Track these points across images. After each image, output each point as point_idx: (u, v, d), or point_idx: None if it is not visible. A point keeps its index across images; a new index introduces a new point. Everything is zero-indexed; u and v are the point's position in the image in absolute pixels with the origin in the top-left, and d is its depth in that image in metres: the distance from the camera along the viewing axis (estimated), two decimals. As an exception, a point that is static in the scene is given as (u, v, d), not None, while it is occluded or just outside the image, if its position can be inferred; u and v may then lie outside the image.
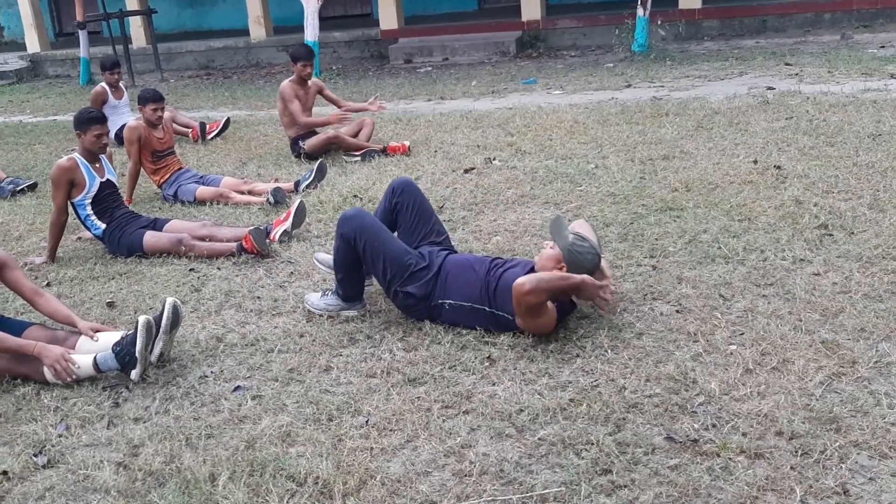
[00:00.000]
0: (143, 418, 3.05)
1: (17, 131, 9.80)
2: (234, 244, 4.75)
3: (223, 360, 3.47)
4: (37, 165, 7.66)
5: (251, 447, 2.77)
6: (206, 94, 11.68)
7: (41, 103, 12.20)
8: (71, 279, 4.58)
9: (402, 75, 12.03)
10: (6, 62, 15.75)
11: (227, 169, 6.84)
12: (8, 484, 2.70)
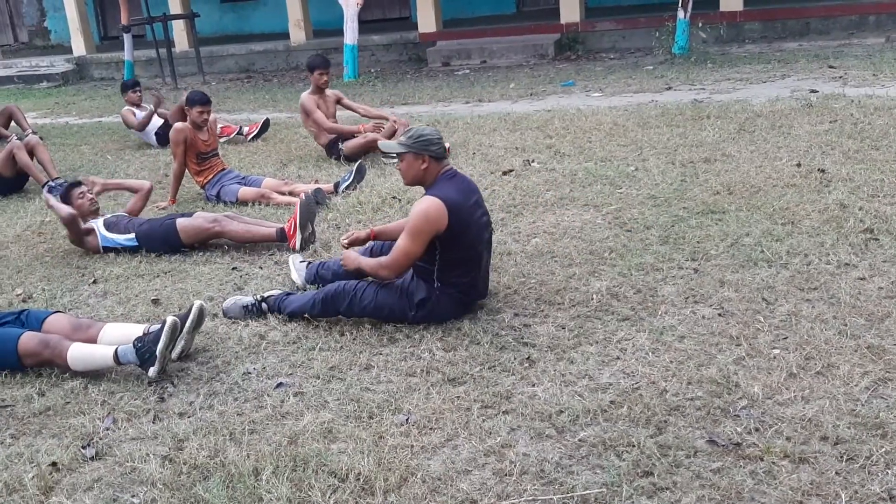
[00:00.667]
0: (188, 413, 3.10)
1: (64, 132, 10.01)
2: (275, 229, 4.81)
3: (266, 357, 3.52)
4: (83, 166, 7.82)
5: (294, 443, 2.81)
6: (247, 97, 11.82)
7: (86, 105, 12.44)
8: (117, 277, 4.68)
9: (440, 78, 12.07)
10: (53, 65, 16.10)
11: (269, 170, 6.91)
12: (57, 475, 2.77)
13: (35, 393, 3.35)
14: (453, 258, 3.58)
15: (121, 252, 5.02)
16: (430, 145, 3.59)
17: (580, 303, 3.75)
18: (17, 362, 3.47)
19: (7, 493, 2.69)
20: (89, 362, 3.43)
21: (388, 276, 3.62)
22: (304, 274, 4.23)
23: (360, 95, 10.84)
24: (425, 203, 3.50)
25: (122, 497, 2.61)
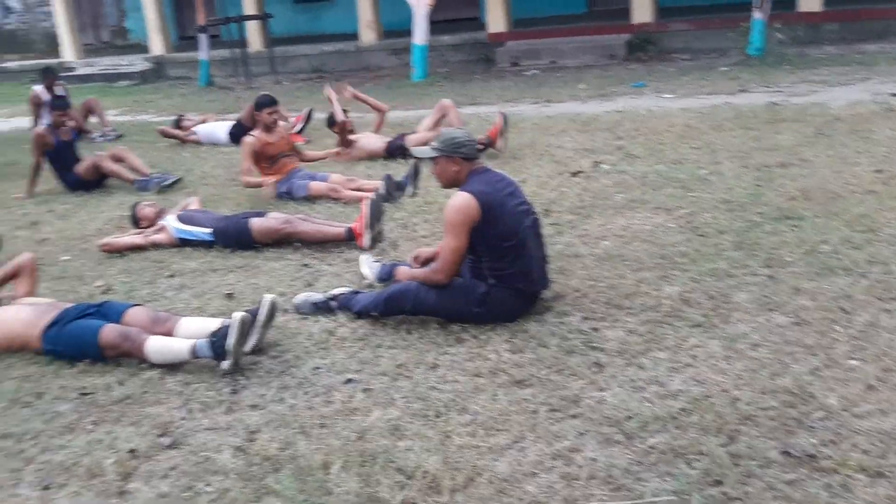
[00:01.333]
0: (260, 405, 3.17)
1: (142, 130, 10.34)
2: (344, 228, 4.90)
3: (335, 353, 3.57)
4: (161, 163, 8.05)
5: (362, 438, 2.85)
6: (318, 97, 11.97)
7: (163, 103, 12.81)
8: (193, 271, 4.81)
9: (509, 78, 12.05)
10: (132, 64, 16.63)
11: (338, 168, 7.00)
12: (135, 462, 2.87)
13: (115, 382, 3.47)
14: (496, 248, 3.60)
15: (196, 246, 5.16)
16: (460, 147, 3.66)
17: (650, 308, 3.71)
18: (99, 353, 3.60)
19: (89, 478, 2.79)
20: (166, 355, 3.53)
21: (443, 279, 3.65)
22: (376, 271, 4.29)
23: (428, 96, 10.91)
24: (455, 199, 3.58)
25: (196, 485, 2.68)
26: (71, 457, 2.94)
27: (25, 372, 3.66)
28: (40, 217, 6.45)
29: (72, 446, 3.01)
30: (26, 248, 5.47)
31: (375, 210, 4.85)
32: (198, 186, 6.76)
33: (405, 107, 10.25)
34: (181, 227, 5.24)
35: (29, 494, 2.74)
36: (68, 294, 4.55)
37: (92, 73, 16.40)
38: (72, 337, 3.65)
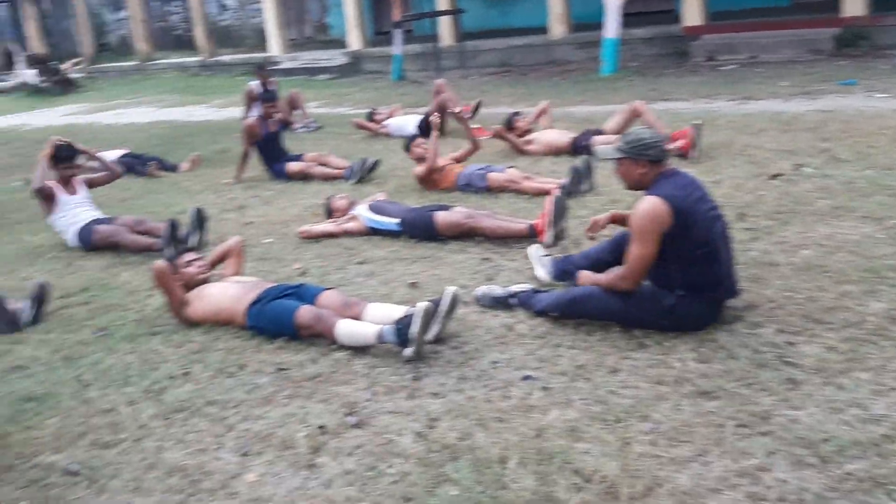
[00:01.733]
0: (440, 394, 3.25)
1: (339, 122, 10.85)
2: (526, 225, 4.92)
3: (513, 348, 3.60)
4: (355, 154, 8.43)
5: (539, 436, 2.85)
6: (505, 91, 12.11)
7: (358, 97, 13.40)
8: (380, 259, 5.01)
9: (703, 73, 11.58)
10: (331, 58, 17.50)
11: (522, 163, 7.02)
12: (324, 437, 3.03)
13: (308, 360, 3.69)
14: (687, 255, 3.46)
15: (385, 236, 5.38)
16: (647, 149, 3.52)
17: (853, 324, 3.44)
18: (294, 332, 3.84)
19: (282, 448, 2.99)
20: (354, 337, 3.71)
21: (628, 287, 3.56)
22: (549, 269, 4.27)
23: (617, 91, 10.71)
24: (645, 204, 3.45)
25: (378, 466, 2.80)
26: (267, 427, 3.15)
27: (230, 345, 3.97)
28: (246, 202, 6.95)
29: (268, 417, 3.23)
30: (233, 230, 5.92)
31: (559, 207, 4.83)
32: (387, 178, 7.02)
33: (593, 102, 10.12)
34: (372, 216, 5.47)
35: (229, 459, 2.97)
36: (269, 274, 4.87)
37: (295, 67, 17.43)
38: (271, 315, 3.91)
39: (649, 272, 3.55)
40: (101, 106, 16.42)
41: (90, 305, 4.75)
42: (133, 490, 2.83)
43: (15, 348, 4.22)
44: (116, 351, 4.05)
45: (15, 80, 20.86)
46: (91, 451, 3.12)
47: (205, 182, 7.90)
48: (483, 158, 7.35)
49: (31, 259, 5.88)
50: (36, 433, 3.30)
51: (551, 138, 7.39)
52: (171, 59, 21.66)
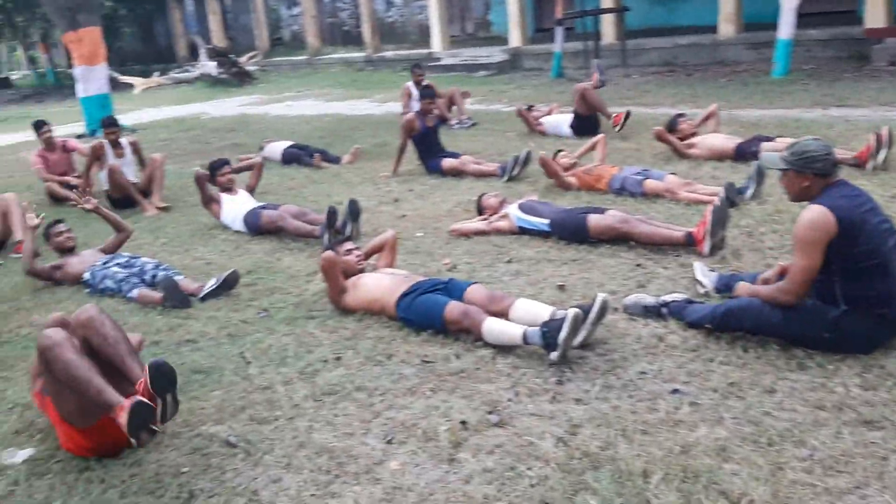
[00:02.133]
0: (584, 401, 3.22)
1: (494, 118, 10.93)
2: (683, 233, 4.77)
3: (663, 360, 3.50)
4: (509, 151, 8.46)
5: (686, 453, 2.77)
6: (667, 91, 11.76)
7: (516, 94, 13.42)
8: (529, 259, 5.00)
9: (885, 79, 10.78)
10: (490, 55, 17.62)
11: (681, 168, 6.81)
12: (465, 433, 3.07)
13: (453, 354, 3.75)
14: (853, 268, 3.26)
15: (534, 236, 5.37)
16: (813, 163, 3.34)
17: None
18: (442, 326, 3.91)
19: (425, 440, 3.06)
20: (500, 337, 3.73)
21: (790, 300, 3.38)
22: (713, 281, 4.12)
23: (789, 94, 10.16)
24: (808, 213, 3.28)
25: (518, 467, 2.81)
26: (411, 417, 3.23)
27: (380, 334, 4.10)
28: (402, 195, 7.13)
29: (412, 408, 3.31)
30: (388, 222, 6.10)
31: (719, 216, 4.64)
32: (540, 178, 6.98)
33: (762, 106, 9.65)
34: (522, 216, 5.47)
35: (374, 445, 3.07)
36: (419, 268, 4.99)
37: (455, 64, 17.68)
38: (421, 308, 4.01)
39: (813, 286, 3.36)
40: (273, 98, 17.33)
41: (254, 287, 5.04)
42: (284, 466, 2.99)
43: (187, 323, 4.54)
44: (276, 332, 4.28)
45: (197, 71, 22.37)
46: (249, 425, 3.32)
47: (364, 174, 8.17)
48: (643, 160, 7.21)
49: (205, 240, 6.31)
50: (201, 404, 3.54)
51: (715, 143, 7.11)
52: (338, 54, 22.54)
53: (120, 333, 3.18)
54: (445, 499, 2.68)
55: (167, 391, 2.94)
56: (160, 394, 2.92)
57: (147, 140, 11.44)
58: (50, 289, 5.45)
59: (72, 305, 4.98)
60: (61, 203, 8.24)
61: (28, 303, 5.22)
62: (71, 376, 2.94)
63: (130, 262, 5.32)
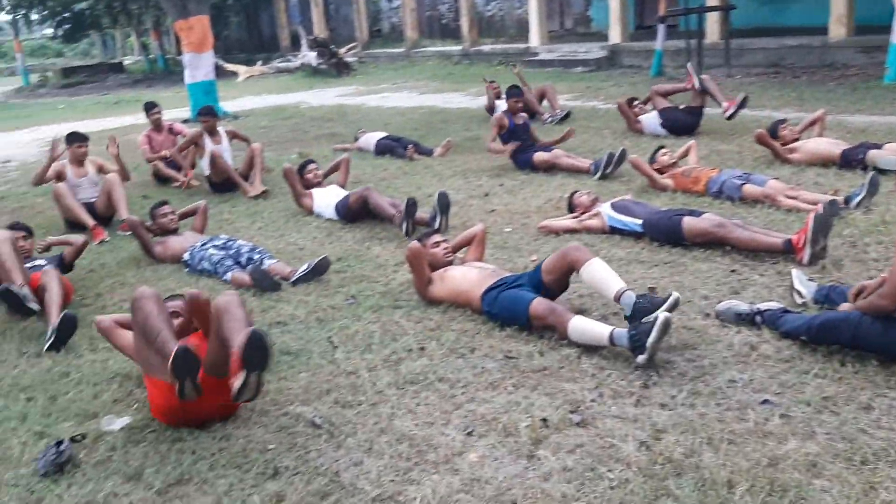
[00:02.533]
0: (669, 406, 3.16)
1: (590, 115, 10.80)
2: (782, 240, 4.61)
3: (754, 369, 3.40)
4: (603, 149, 8.35)
5: (773, 466, 2.69)
6: (772, 94, 11.38)
7: (613, 91, 13.21)
8: (619, 259, 4.93)
9: None
10: (589, 51, 17.40)
11: (784, 172, 6.58)
12: (546, 431, 3.06)
13: (536, 352, 3.74)
14: None
15: (626, 236, 5.29)
16: None
17: None
18: (527, 322, 3.90)
19: (504, 434, 3.06)
20: (585, 336, 3.70)
21: (888, 306, 3.21)
22: (812, 291, 3.98)
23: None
24: None
25: (598, 468, 2.78)
26: (492, 411, 3.24)
27: (464, 326, 4.12)
28: (492, 189, 7.13)
29: (493, 402, 3.32)
30: (477, 216, 6.12)
31: (822, 224, 4.46)
32: (633, 176, 6.87)
33: (871, 112, 9.23)
34: (614, 215, 5.40)
35: (454, 436, 3.09)
36: (506, 263, 4.99)
37: (552, 59, 17.54)
38: (506, 303, 4.01)
39: None
40: (370, 89, 17.58)
41: (344, 274, 5.14)
42: (366, 450, 3.04)
43: (278, 305, 4.67)
44: (362, 319, 4.36)
45: (298, 60, 22.91)
46: (333, 408, 3.39)
47: (455, 167, 8.21)
48: (743, 163, 7.00)
49: (299, 226, 6.47)
50: (289, 384, 3.64)
51: (819, 148, 6.83)
52: (435, 47, 22.68)
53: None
54: (523, 494, 2.68)
55: (257, 368, 2.89)
56: (248, 366, 2.87)
57: (248, 127, 11.80)
58: (153, 266, 5.69)
59: (171, 283, 5.20)
60: (166, 183, 8.62)
61: (132, 279, 5.46)
62: (147, 325, 3.18)
63: (227, 244, 5.51)
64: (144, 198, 8.05)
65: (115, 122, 15.12)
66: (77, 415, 3.55)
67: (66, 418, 3.52)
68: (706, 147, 7.87)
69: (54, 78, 29.60)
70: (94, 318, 3.79)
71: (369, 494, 2.76)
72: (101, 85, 26.50)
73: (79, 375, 3.95)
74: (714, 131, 8.58)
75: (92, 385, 3.83)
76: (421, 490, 2.75)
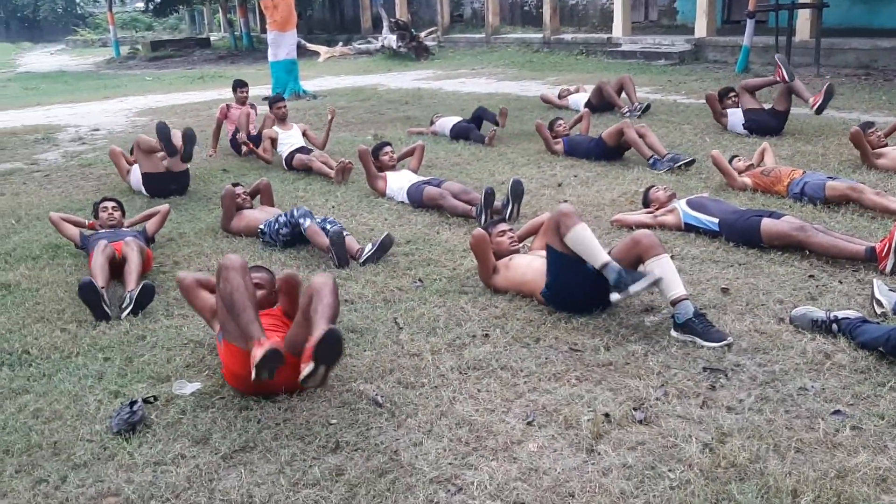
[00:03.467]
0: (736, 410, 3.09)
1: (670, 110, 10.57)
2: (864, 247, 4.45)
3: (827, 378, 3.30)
4: (682, 144, 8.19)
5: (841, 478, 2.61)
6: (861, 96, 10.95)
7: (695, 86, 12.91)
8: (693, 258, 4.83)
9: None
10: (673, 44, 17.02)
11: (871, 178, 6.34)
12: (608, 426, 3.03)
13: (602, 346, 3.71)
14: None
15: (701, 234, 5.18)
16: None
17: None
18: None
19: (565, 427, 3.05)
20: (582, 243, 3.87)
21: None
22: (893, 302, 3.83)
23: None
24: None
25: (659, 468, 2.74)
26: (553, 402, 3.23)
27: (529, 316, 4.11)
28: (565, 180, 7.07)
29: (556, 393, 3.30)
30: (548, 206, 6.07)
31: None
32: (712, 172, 6.72)
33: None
34: (690, 212, 5.29)
35: (514, 424, 3.09)
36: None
37: (634, 50, 17.22)
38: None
39: None
40: (447, 74, 17.60)
41: (412, 257, 5.18)
42: (426, 432, 3.07)
43: (347, 284, 4.73)
44: (428, 302, 4.38)
45: (379, 43, 23.06)
46: (396, 388, 3.43)
47: (529, 156, 8.16)
48: (828, 166, 6.79)
49: (371, 207, 6.54)
50: (354, 362, 3.70)
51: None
52: (515, 34, 22.52)
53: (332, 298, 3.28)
54: (581, 487, 2.66)
55: (325, 363, 3.04)
56: (318, 360, 3.02)
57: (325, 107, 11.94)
58: (229, 238, 5.84)
59: (246, 255, 5.32)
60: (243, 156, 8.91)
61: (208, 248, 5.61)
62: (233, 299, 3.20)
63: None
64: (224, 171, 8.26)
65: (199, 97, 15.51)
66: (150, 377, 3.68)
67: (140, 380, 3.66)
68: (790, 148, 7.64)
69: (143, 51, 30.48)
70: (177, 275, 3.82)
71: (427, 475, 2.78)
72: (188, 59, 27.18)
73: (154, 339, 4.09)
74: (798, 132, 8.31)
75: (166, 350, 3.96)
76: (478, 475, 2.77)
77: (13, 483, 2.88)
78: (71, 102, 15.92)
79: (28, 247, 5.83)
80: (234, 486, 2.78)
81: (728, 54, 15.71)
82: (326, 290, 3.24)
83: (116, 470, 2.93)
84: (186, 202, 7.00)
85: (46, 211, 6.36)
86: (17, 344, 4.11)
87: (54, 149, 10.35)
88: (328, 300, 3.21)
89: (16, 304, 4.69)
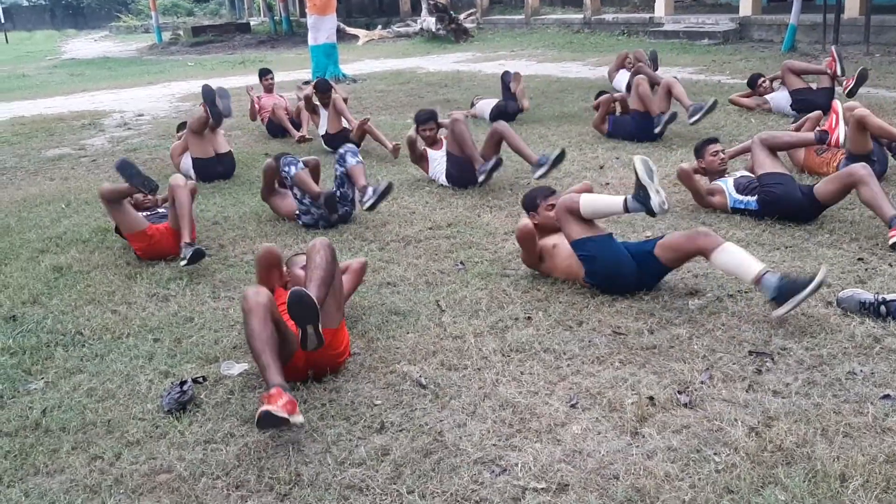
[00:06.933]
0: (783, 394, 3.07)
1: (714, 91, 10.38)
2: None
3: (876, 362, 3.25)
4: (726, 126, 8.06)
5: (891, 462, 2.58)
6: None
7: (740, 65, 12.68)
8: (739, 240, 4.76)
9: None
10: (717, 23, 16.72)
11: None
12: (652, 409, 3.03)
13: (646, 329, 3.69)
14: None
15: (746, 216, 5.12)
16: None
17: None
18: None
19: (609, 409, 3.05)
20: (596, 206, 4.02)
21: None
22: None
23: None
24: None
25: (704, 451, 2.73)
26: (596, 385, 3.23)
27: (572, 299, 4.10)
28: (607, 162, 7.02)
29: (599, 376, 3.30)
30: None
31: None
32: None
33: None
34: (736, 195, 5.21)
35: (558, 407, 3.10)
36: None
37: (676, 30, 16.96)
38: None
39: None
40: (486, 56, 17.51)
41: (453, 240, 5.20)
42: (469, 413, 3.09)
43: (388, 266, 4.77)
44: (470, 285, 4.40)
45: (418, 25, 23.01)
46: (439, 369, 3.46)
47: (570, 138, 8.11)
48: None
49: (412, 191, 6.56)
50: (397, 343, 3.73)
51: None
52: (555, 15, 22.31)
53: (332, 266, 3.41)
54: (625, 470, 2.66)
55: (306, 322, 3.13)
56: (298, 323, 3.14)
57: (364, 91, 12.01)
58: (272, 221, 5.91)
59: (288, 239, 5.39)
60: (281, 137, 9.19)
61: (252, 232, 5.69)
62: (250, 343, 3.15)
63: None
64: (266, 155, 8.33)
65: (239, 81, 15.64)
66: (199, 358, 3.75)
67: (189, 360, 3.73)
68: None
69: (185, 36, 30.78)
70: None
71: (471, 456, 2.81)
72: (228, 44, 27.39)
73: (202, 321, 4.17)
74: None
75: (213, 331, 4.04)
76: (522, 457, 2.78)
77: (70, 459, 2.97)
78: (115, 88, 16.18)
79: (78, 230, 5.97)
80: (282, 465, 2.84)
81: (774, 33, 15.40)
82: (313, 252, 3.41)
83: (168, 448, 3.00)
84: (230, 186, 7.09)
85: (95, 196, 6.49)
86: (70, 325, 4.22)
87: (101, 134, 10.55)
88: (317, 261, 3.36)
89: (68, 287, 4.81)
